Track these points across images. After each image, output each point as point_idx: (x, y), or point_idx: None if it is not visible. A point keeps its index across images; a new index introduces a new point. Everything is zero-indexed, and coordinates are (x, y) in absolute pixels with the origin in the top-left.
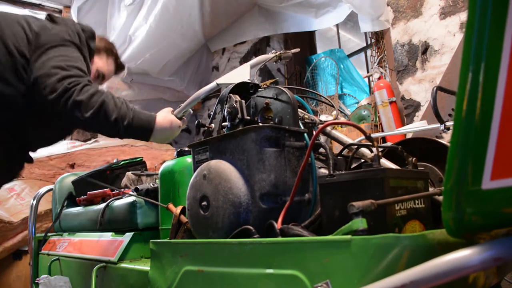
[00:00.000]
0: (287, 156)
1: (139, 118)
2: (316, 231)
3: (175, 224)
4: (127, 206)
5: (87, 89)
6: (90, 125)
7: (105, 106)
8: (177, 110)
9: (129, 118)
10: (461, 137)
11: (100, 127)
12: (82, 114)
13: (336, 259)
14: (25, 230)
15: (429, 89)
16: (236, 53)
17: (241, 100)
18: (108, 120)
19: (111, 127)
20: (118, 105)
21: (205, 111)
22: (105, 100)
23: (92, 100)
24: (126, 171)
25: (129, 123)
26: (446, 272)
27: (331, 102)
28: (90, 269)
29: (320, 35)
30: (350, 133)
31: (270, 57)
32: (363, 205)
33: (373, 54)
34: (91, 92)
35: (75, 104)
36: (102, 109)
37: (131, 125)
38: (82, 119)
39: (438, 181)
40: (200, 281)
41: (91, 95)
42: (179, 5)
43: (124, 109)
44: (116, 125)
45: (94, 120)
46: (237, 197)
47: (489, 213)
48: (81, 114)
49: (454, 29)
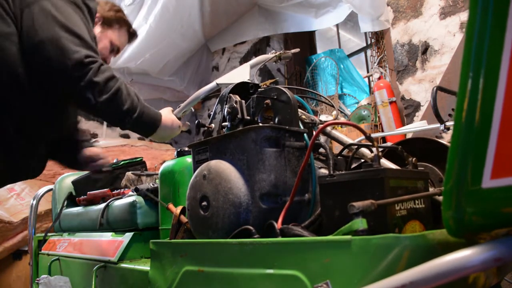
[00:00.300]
0: (287, 156)
1: (148, 113)
2: (316, 231)
3: (175, 224)
4: (127, 206)
5: (104, 70)
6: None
7: (120, 94)
8: (177, 110)
9: (140, 111)
10: (461, 137)
11: (108, 115)
12: (94, 97)
13: (336, 259)
14: (25, 230)
15: (429, 89)
16: (236, 53)
17: (241, 100)
18: (119, 109)
19: (119, 117)
20: (131, 95)
21: (205, 111)
22: (120, 87)
23: (109, 85)
24: (126, 171)
25: (138, 116)
26: (446, 272)
27: (331, 102)
28: (90, 269)
29: (320, 35)
30: (350, 133)
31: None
32: (363, 205)
33: (373, 54)
34: (108, 76)
35: (90, 85)
36: (116, 96)
37: (140, 118)
38: (93, 102)
39: (438, 181)
40: (200, 281)
41: (107, 79)
42: (179, 5)
43: (136, 101)
44: (125, 116)
45: (105, 105)
46: (237, 197)
47: (489, 213)
48: (94, 97)
49: (454, 29)
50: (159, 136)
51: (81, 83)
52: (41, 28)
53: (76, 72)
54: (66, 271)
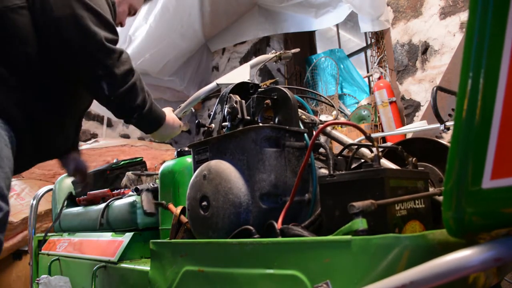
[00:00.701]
0: (287, 156)
1: (155, 111)
2: (316, 231)
3: (175, 224)
4: (127, 206)
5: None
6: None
7: (134, 90)
8: (177, 110)
9: (148, 107)
10: (461, 137)
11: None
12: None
13: (336, 259)
14: (25, 230)
15: (429, 89)
16: (236, 53)
17: (241, 100)
18: (131, 105)
19: (128, 111)
20: (144, 91)
21: (205, 111)
22: (135, 82)
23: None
24: (126, 171)
25: (146, 113)
26: (446, 272)
27: (331, 102)
28: (90, 269)
29: (320, 35)
30: (350, 133)
31: (270, 57)
32: (363, 205)
33: (373, 54)
34: (127, 69)
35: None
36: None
37: (148, 115)
38: (107, 94)
39: (438, 181)
40: (200, 281)
41: (126, 73)
42: (179, 5)
43: (146, 97)
44: (134, 111)
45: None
46: (237, 197)
47: (489, 213)
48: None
49: (454, 29)
50: (160, 134)
51: (99, 71)
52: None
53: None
54: (66, 271)
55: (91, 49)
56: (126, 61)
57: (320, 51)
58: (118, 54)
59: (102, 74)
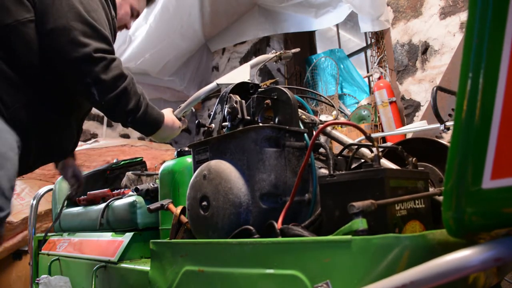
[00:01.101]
0: (287, 156)
1: (151, 114)
2: (316, 231)
3: (175, 224)
4: (127, 206)
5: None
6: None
7: (125, 94)
8: (177, 110)
9: (143, 111)
10: (461, 137)
11: (111, 112)
12: (98, 95)
13: (336, 259)
14: (25, 230)
15: (429, 89)
16: (236, 53)
17: (241, 100)
18: (123, 109)
19: (122, 116)
20: (137, 95)
21: (205, 111)
22: (126, 87)
23: (116, 85)
24: (126, 171)
25: (141, 116)
26: (446, 272)
27: (331, 102)
28: (90, 269)
29: (320, 35)
30: (350, 133)
31: (270, 57)
32: (363, 205)
33: (373, 54)
34: (116, 74)
35: (96, 81)
36: (122, 96)
37: (142, 118)
38: (98, 99)
39: (438, 181)
40: (200, 281)
41: (115, 78)
42: (179, 5)
43: (141, 101)
44: (128, 115)
45: (109, 104)
46: (237, 197)
47: (489, 213)
48: (98, 94)
49: (454, 29)
50: (159, 136)
51: (87, 79)
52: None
53: (83, 66)
54: (66, 271)
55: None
56: (116, 67)
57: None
58: (107, 61)
59: (90, 81)
